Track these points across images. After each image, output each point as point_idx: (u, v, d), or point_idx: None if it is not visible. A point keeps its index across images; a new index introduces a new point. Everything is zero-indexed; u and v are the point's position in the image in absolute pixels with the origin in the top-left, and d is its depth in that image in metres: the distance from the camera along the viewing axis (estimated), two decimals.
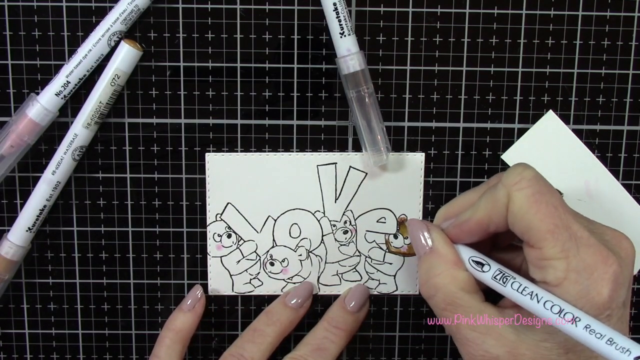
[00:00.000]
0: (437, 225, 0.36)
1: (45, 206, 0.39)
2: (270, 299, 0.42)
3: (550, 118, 0.41)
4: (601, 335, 0.28)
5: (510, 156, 0.41)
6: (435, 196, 0.41)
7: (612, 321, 0.30)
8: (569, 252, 0.30)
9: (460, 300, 0.33)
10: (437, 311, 0.34)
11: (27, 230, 0.39)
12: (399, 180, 0.41)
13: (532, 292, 0.30)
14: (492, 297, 0.34)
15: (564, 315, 0.29)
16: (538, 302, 0.30)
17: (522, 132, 0.41)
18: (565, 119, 0.41)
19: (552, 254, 0.30)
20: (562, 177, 0.41)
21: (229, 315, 0.42)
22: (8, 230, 0.40)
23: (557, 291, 0.30)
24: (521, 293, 0.31)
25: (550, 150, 0.41)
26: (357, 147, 0.41)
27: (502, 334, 0.31)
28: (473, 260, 0.33)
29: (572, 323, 0.28)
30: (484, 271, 0.33)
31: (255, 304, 0.42)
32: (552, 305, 0.29)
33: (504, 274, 0.32)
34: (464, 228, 0.34)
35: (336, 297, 0.42)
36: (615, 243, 0.32)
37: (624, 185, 0.41)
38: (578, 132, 0.41)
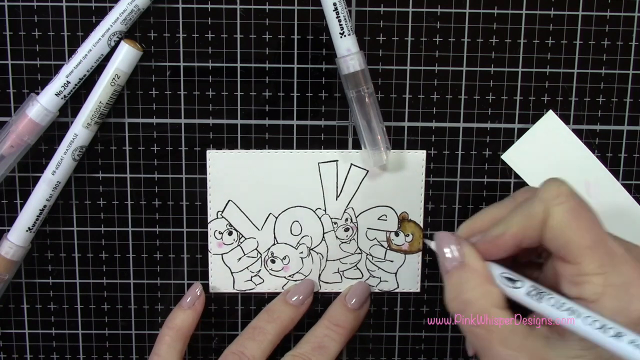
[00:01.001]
0: (467, 239, 0.35)
1: (45, 206, 0.39)
2: (271, 296, 0.42)
3: (550, 118, 0.41)
4: None
5: (510, 156, 0.41)
6: (435, 196, 0.41)
7: None
8: (607, 267, 0.30)
9: (493, 317, 0.32)
10: (467, 328, 0.33)
11: (27, 230, 0.39)
12: (400, 178, 0.41)
13: (571, 307, 0.30)
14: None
15: (607, 330, 0.28)
16: (578, 317, 0.29)
17: (522, 132, 0.41)
18: (565, 119, 0.41)
19: (590, 270, 0.30)
20: (562, 177, 0.41)
21: (229, 315, 0.42)
22: (8, 230, 0.40)
23: (594, 307, 0.30)
24: (558, 309, 0.30)
25: (550, 150, 0.41)
26: (357, 147, 0.41)
27: (535, 351, 0.31)
28: (504, 277, 0.33)
29: (616, 337, 0.28)
30: (516, 287, 0.32)
31: (255, 304, 0.42)
32: (594, 320, 0.29)
33: (538, 290, 0.31)
34: (497, 244, 0.33)
35: (337, 294, 0.42)
36: None
37: (624, 185, 0.41)
38: (578, 132, 0.41)
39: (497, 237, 0.33)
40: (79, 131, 0.38)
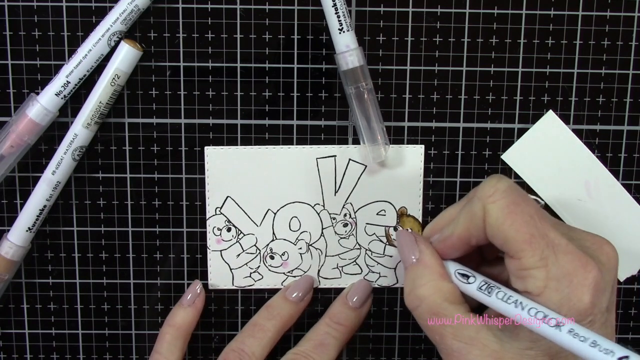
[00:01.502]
0: (425, 238, 0.36)
1: (45, 206, 0.39)
2: (271, 292, 0.42)
3: (550, 118, 0.41)
4: (585, 338, 0.28)
5: (510, 156, 0.41)
6: (435, 196, 0.41)
7: (595, 326, 0.30)
8: (548, 260, 0.30)
9: (444, 311, 0.33)
10: (422, 322, 0.34)
11: (27, 230, 0.39)
12: (399, 172, 0.41)
13: (517, 300, 0.31)
14: (477, 313, 0.34)
15: (548, 320, 0.29)
16: (522, 309, 0.30)
17: (522, 132, 0.41)
18: (565, 119, 0.41)
19: (530, 264, 0.31)
20: (562, 177, 0.41)
21: (229, 314, 0.42)
22: (8, 230, 0.40)
23: (539, 300, 0.30)
24: (506, 302, 0.31)
25: (550, 150, 0.41)
26: (357, 143, 0.41)
27: (486, 344, 0.31)
28: (459, 273, 0.34)
29: (556, 328, 0.29)
30: (469, 282, 0.33)
31: (255, 303, 0.42)
32: (537, 312, 0.30)
33: (489, 284, 0.33)
34: (447, 243, 0.34)
35: (336, 290, 0.42)
36: (596, 248, 0.32)
37: (624, 185, 0.41)
38: (578, 132, 0.41)
39: (448, 237, 0.34)
40: (79, 131, 0.38)
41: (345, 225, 0.41)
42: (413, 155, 0.41)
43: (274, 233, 0.41)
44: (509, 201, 0.31)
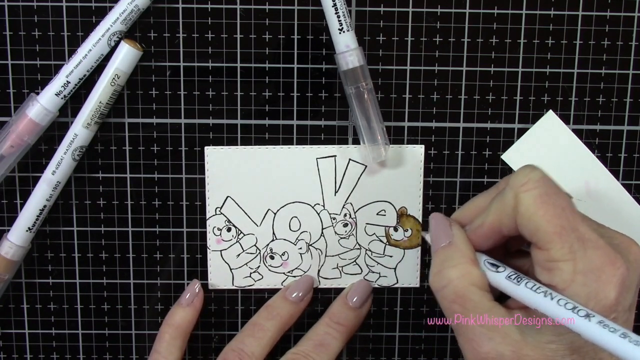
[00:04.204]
0: (459, 223, 0.36)
1: (45, 206, 0.39)
2: (271, 292, 0.42)
3: (550, 118, 0.41)
4: (615, 330, 0.27)
5: (510, 156, 0.41)
6: (435, 196, 0.41)
7: (618, 324, 0.30)
8: (576, 254, 0.30)
9: (470, 295, 0.33)
10: (445, 303, 0.34)
11: (27, 230, 0.39)
12: (399, 172, 0.41)
13: (546, 290, 0.30)
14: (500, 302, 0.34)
15: (578, 311, 0.29)
16: (552, 299, 0.30)
17: (522, 132, 0.41)
18: (565, 119, 0.41)
19: (559, 256, 0.30)
20: (562, 177, 0.41)
21: (229, 314, 0.42)
22: (8, 230, 0.40)
23: (566, 294, 0.30)
24: (535, 291, 0.31)
25: (550, 150, 0.41)
26: (356, 143, 0.41)
27: (508, 333, 0.31)
28: (488, 262, 0.34)
29: (586, 318, 0.28)
30: (498, 272, 0.33)
31: (255, 303, 0.42)
32: (566, 303, 0.29)
33: (517, 274, 0.32)
34: (478, 233, 0.34)
35: (336, 290, 0.42)
36: (624, 247, 0.32)
37: (624, 185, 0.41)
38: (578, 132, 0.41)
39: (479, 227, 0.34)
40: (79, 131, 0.38)
41: (345, 225, 0.41)
42: (413, 155, 0.41)
43: (274, 233, 0.41)
44: (542, 191, 0.31)
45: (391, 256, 0.42)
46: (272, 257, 0.42)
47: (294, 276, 0.42)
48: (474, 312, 0.32)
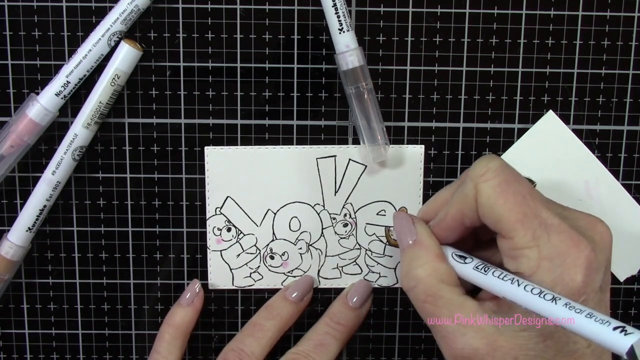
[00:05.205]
0: (422, 219, 0.36)
1: (45, 206, 0.39)
2: (271, 292, 0.42)
3: (550, 118, 0.41)
4: (581, 310, 0.27)
5: (510, 156, 0.41)
6: None
7: (589, 306, 0.30)
8: (540, 240, 0.30)
9: (440, 292, 0.33)
10: (417, 303, 0.34)
11: (27, 230, 0.39)
12: (399, 172, 0.41)
13: (513, 278, 0.30)
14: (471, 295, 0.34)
15: (544, 296, 0.29)
16: (519, 286, 0.30)
17: (522, 132, 0.41)
18: (565, 119, 0.41)
19: (523, 243, 0.30)
20: (562, 177, 0.41)
21: (229, 314, 0.42)
22: (8, 230, 0.40)
23: (532, 280, 0.30)
24: (502, 280, 0.31)
25: (550, 150, 0.41)
26: (356, 143, 0.41)
27: (481, 327, 0.31)
28: (455, 255, 0.34)
29: (552, 301, 0.28)
30: (466, 263, 0.33)
31: (255, 303, 0.42)
32: (532, 288, 0.29)
33: (485, 264, 0.33)
34: (442, 226, 0.34)
35: (336, 290, 0.42)
36: (589, 228, 0.32)
37: (624, 185, 0.41)
38: (578, 132, 0.41)
39: (442, 220, 0.34)
40: (79, 131, 0.38)
41: (345, 225, 0.41)
42: (413, 155, 0.41)
43: (274, 233, 0.41)
44: (501, 180, 0.31)
45: (391, 256, 0.42)
46: (272, 257, 0.42)
47: (294, 276, 0.42)
48: (446, 309, 0.32)
